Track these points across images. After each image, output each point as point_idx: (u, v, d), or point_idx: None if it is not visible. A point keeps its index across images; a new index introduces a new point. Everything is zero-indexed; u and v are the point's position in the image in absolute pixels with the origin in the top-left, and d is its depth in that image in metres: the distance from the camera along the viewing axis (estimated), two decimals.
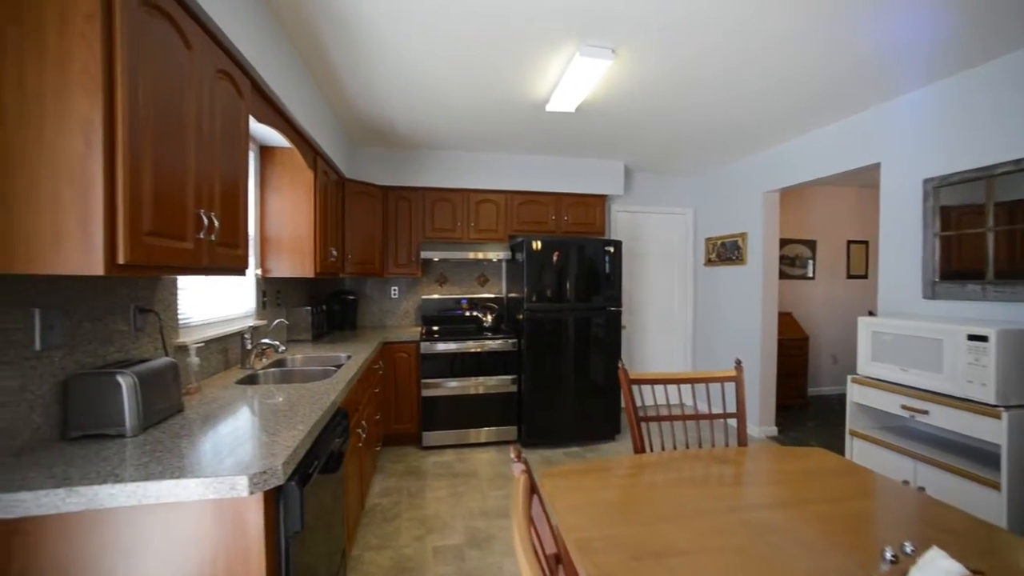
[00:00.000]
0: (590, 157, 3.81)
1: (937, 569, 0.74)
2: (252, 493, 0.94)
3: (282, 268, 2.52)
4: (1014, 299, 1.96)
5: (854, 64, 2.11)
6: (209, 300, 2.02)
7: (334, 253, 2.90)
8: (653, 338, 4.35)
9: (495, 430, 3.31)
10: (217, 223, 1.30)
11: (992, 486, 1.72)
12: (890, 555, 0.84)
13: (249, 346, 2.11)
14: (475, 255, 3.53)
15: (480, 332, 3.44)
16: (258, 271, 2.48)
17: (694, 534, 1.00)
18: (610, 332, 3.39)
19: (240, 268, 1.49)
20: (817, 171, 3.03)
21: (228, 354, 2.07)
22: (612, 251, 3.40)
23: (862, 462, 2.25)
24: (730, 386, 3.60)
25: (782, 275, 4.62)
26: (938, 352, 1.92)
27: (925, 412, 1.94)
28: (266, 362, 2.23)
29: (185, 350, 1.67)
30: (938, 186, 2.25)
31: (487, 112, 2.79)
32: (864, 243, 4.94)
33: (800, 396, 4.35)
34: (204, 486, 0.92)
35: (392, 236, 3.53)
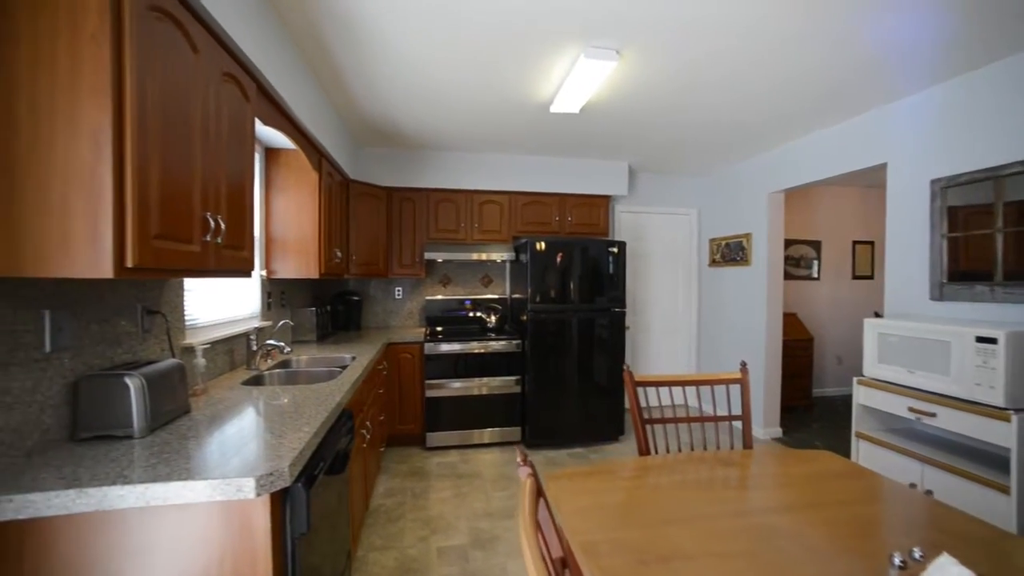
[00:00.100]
0: (594, 158, 3.80)
1: None
2: (259, 495, 0.95)
3: (287, 269, 2.53)
4: (1023, 301, 1.94)
5: (859, 64, 2.10)
6: (215, 301, 2.03)
7: (338, 254, 2.91)
8: (657, 339, 4.34)
9: (499, 431, 3.31)
10: (223, 226, 1.30)
11: (1001, 490, 1.70)
12: (899, 561, 0.83)
13: (254, 347, 2.12)
14: (479, 256, 3.53)
15: (484, 333, 3.44)
16: (263, 272, 2.49)
17: (700, 538, 1.00)
18: (614, 333, 3.39)
19: (246, 270, 1.50)
20: (823, 171, 3.01)
21: (234, 355, 2.08)
22: (616, 252, 3.39)
23: (868, 464, 2.23)
24: (735, 388, 3.58)
25: (787, 276, 4.60)
26: (946, 354, 1.90)
27: (932, 415, 1.92)
28: (271, 363, 2.24)
29: (191, 351, 1.68)
30: (946, 186, 2.24)
31: (491, 113, 2.79)
32: (870, 243, 4.91)
33: (805, 397, 4.32)
34: (211, 488, 0.93)
35: (396, 237, 3.54)
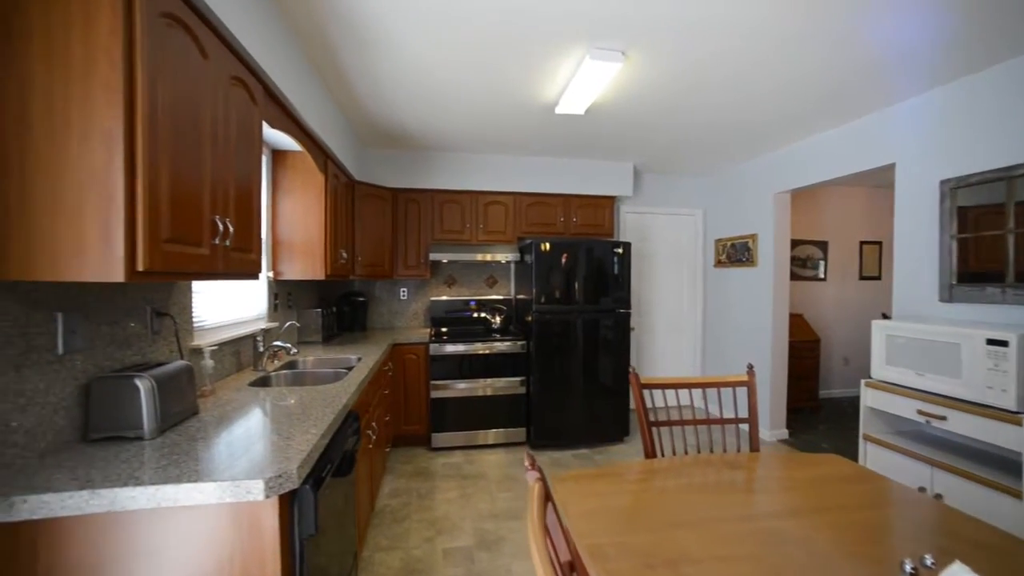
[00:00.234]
0: (599, 158, 3.79)
1: None
2: (267, 497, 0.95)
3: (293, 270, 2.55)
4: None
5: (866, 64, 2.08)
6: (223, 303, 2.05)
7: (344, 255, 2.93)
8: (662, 340, 4.32)
9: (503, 432, 3.31)
10: (232, 228, 1.31)
11: (1014, 494, 1.68)
12: (909, 568, 0.82)
13: (261, 348, 2.14)
14: (484, 257, 3.53)
15: (489, 334, 3.45)
16: (270, 274, 2.51)
17: (707, 542, 0.99)
18: (619, 334, 3.38)
19: (253, 272, 1.51)
20: (830, 172, 2.98)
21: (241, 356, 2.09)
22: (621, 252, 3.38)
23: (876, 467, 2.21)
24: (742, 390, 3.56)
25: (793, 276, 4.57)
26: (956, 357, 1.88)
27: (942, 418, 1.90)
28: (278, 364, 2.26)
29: (199, 353, 1.70)
30: (955, 187, 2.21)
31: (496, 114, 2.79)
32: (877, 244, 4.87)
33: (811, 399, 4.29)
34: (221, 490, 0.93)
35: (401, 238, 3.55)
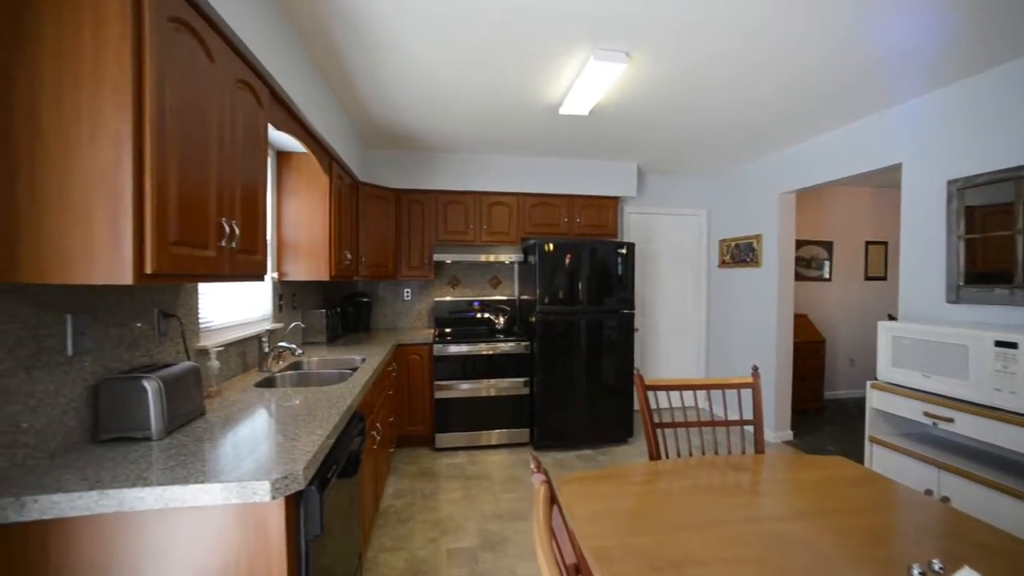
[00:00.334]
0: (603, 159, 3.79)
1: None
2: (274, 498, 0.96)
3: (298, 271, 2.56)
4: None
5: (870, 64, 2.07)
6: (228, 304, 2.06)
7: (348, 256, 2.94)
8: (666, 340, 4.31)
9: (507, 432, 3.32)
10: (238, 231, 1.32)
11: (1022, 497, 1.67)
12: (917, 572, 0.82)
13: (266, 349, 2.15)
14: (487, 257, 3.54)
15: (492, 334, 3.45)
16: (275, 275, 2.52)
17: (712, 544, 0.99)
18: (623, 334, 3.37)
19: (259, 274, 1.52)
20: (835, 172, 2.97)
21: (246, 357, 2.11)
22: (625, 253, 3.38)
23: (882, 469, 2.20)
24: (746, 392, 3.55)
25: (797, 277, 4.55)
26: (963, 358, 1.87)
27: (950, 420, 1.89)
28: (283, 365, 2.27)
29: (206, 354, 1.71)
30: (963, 187, 2.19)
31: (500, 115, 2.79)
32: (883, 244, 4.83)
33: (816, 400, 4.27)
34: (227, 491, 0.94)
35: (405, 239, 3.56)
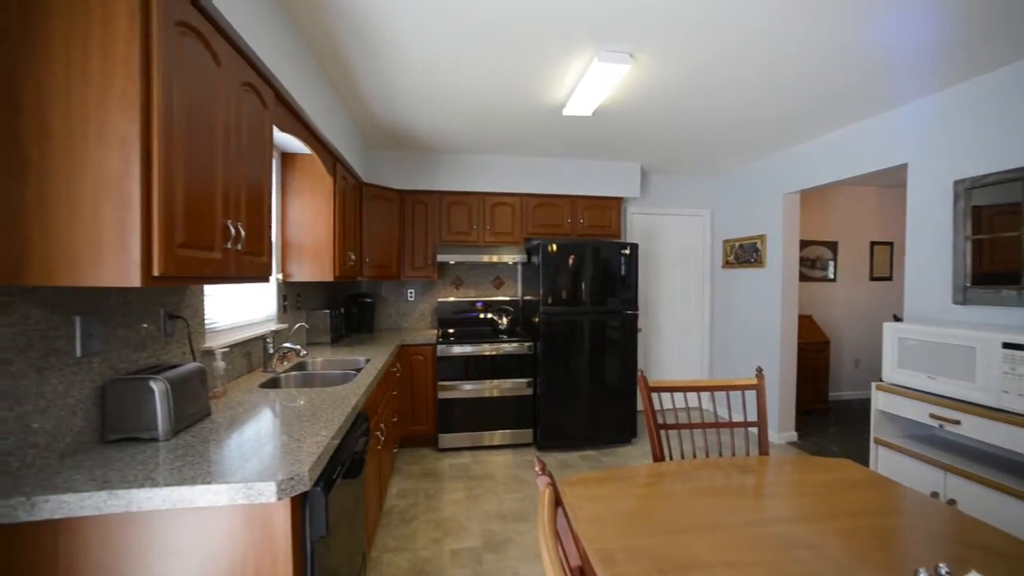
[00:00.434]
0: (606, 159, 3.78)
1: None
2: (280, 499, 0.96)
3: (303, 272, 2.57)
4: None
5: (876, 64, 2.06)
6: (233, 305, 2.07)
7: (352, 257, 2.95)
8: (669, 341, 4.30)
9: (510, 432, 3.32)
10: (243, 233, 1.33)
11: None
12: None
13: (271, 350, 2.16)
14: (491, 258, 3.54)
15: (496, 335, 3.46)
16: (279, 275, 2.53)
17: (717, 547, 0.99)
18: (626, 335, 3.37)
19: (264, 275, 1.52)
20: (840, 172, 2.95)
21: (251, 357, 2.12)
22: (628, 253, 3.37)
23: (887, 471, 2.19)
24: (751, 393, 3.54)
25: (802, 277, 4.52)
26: (970, 360, 1.85)
27: (956, 422, 1.88)
28: (287, 365, 2.28)
29: (211, 355, 1.72)
30: (970, 188, 2.18)
31: (503, 116, 2.79)
32: (888, 244, 4.80)
33: (821, 401, 4.25)
34: (234, 492, 0.95)
35: (409, 239, 3.56)
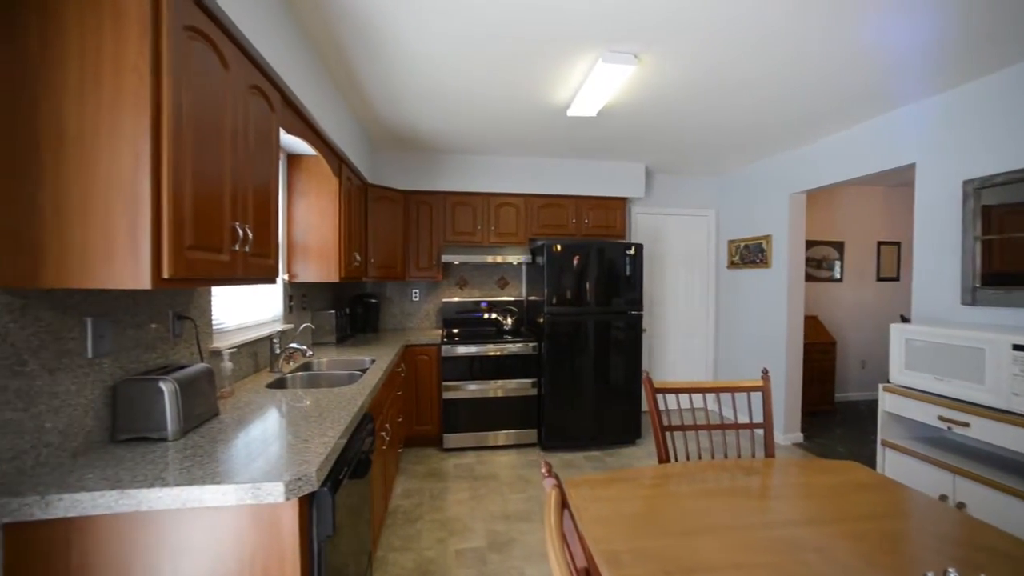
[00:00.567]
0: (611, 159, 3.78)
1: None
2: (288, 499, 0.97)
3: (308, 273, 2.59)
4: None
5: (886, 63, 2.04)
6: (240, 305, 2.09)
7: (358, 257, 2.96)
8: (674, 341, 4.29)
9: (515, 433, 3.32)
10: (251, 235, 1.34)
11: None
12: None
13: (277, 350, 2.18)
14: (495, 258, 3.55)
15: (500, 335, 3.46)
16: (285, 276, 2.55)
17: (724, 549, 0.99)
18: (631, 336, 3.36)
19: (271, 277, 1.54)
20: (847, 172, 2.93)
21: (257, 358, 2.13)
22: (633, 254, 3.37)
23: (895, 473, 2.17)
24: (756, 394, 3.52)
25: (808, 277, 4.50)
26: (980, 362, 1.84)
27: (965, 424, 1.86)
28: (293, 365, 2.30)
29: (219, 355, 1.73)
30: (980, 187, 2.16)
31: (507, 116, 2.80)
32: (896, 244, 4.76)
33: (827, 402, 4.22)
34: (242, 491, 0.96)
35: (413, 240, 3.58)
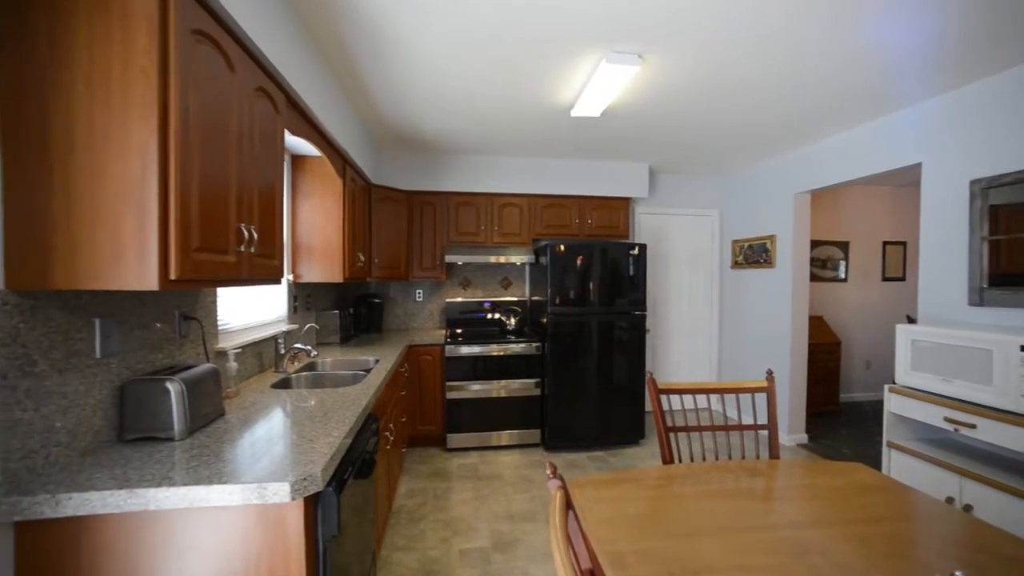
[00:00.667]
0: (614, 160, 3.77)
1: None
2: (293, 499, 0.98)
3: (312, 274, 2.60)
4: None
5: (891, 62, 2.03)
6: (245, 306, 2.10)
7: (361, 258, 2.97)
8: (678, 341, 4.28)
9: (518, 433, 3.33)
10: (256, 236, 1.35)
11: None
12: None
13: (282, 350, 2.19)
14: (498, 259, 3.55)
15: (503, 335, 3.46)
16: (290, 276, 2.56)
17: (729, 551, 0.99)
18: (634, 336, 3.36)
19: (276, 277, 1.55)
20: (853, 172, 2.91)
21: (262, 358, 2.15)
22: (636, 254, 3.36)
23: (900, 475, 2.16)
24: (761, 395, 3.50)
25: (812, 277, 4.47)
26: (987, 363, 1.82)
27: (972, 426, 1.85)
28: (298, 365, 2.31)
29: (224, 355, 1.75)
30: (987, 187, 2.14)
31: (511, 117, 2.80)
32: (901, 244, 4.73)
33: (832, 402, 4.20)
34: (248, 491, 0.97)
35: (417, 240, 3.58)
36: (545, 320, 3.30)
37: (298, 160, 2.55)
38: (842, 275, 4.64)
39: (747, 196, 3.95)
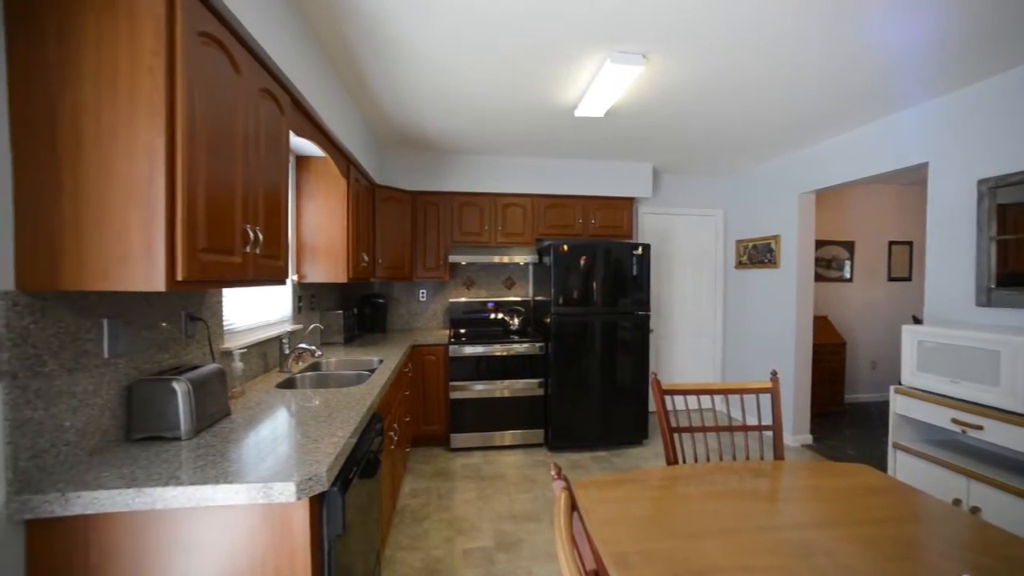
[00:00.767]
0: (618, 160, 3.76)
1: None
2: (299, 499, 0.99)
3: (317, 274, 2.61)
4: None
5: (885, 65, 2.02)
6: (250, 306, 2.11)
7: (365, 258, 2.98)
8: (682, 342, 4.27)
9: (521, 433, 3.33)
10: (261, 237, 1.36)
11: None
12: None
13: (287, 350, 2.20)
14: (502, 259, 3.55)
15: (507, 335, 3.47)
16: (294, 277, 2.58)
17: (733, 551, 0.98)
18: (638, 336, 3.35)
19: (281, 278, 1.55)
20: (858, 171, 2.90)
21: (267, 358, 2.16)
22: (640, 254, 3.35)
23: (906, 476, 2.15)
24: (765, 395, 3.49)
25: (817, 277, 4.45)
26: (995, 364, 1.81)
27: (979, 427, 1.83)
28: (302, 365, 2.32)
29: (230, 355, 1.76)
30: (995, 187, 2.12)
31: (515, 117, 2.80)
32: (907, 244, 4.70)
33: (837, 403, 4.18)
34: (254, 491, 0.97)
35: (421, 240, 3.59)
36: (549, 320, 3.30)
37: (302, 161, 2.57)
38: (847, 275, 4.61)
39: (751, 196, 3.94)
